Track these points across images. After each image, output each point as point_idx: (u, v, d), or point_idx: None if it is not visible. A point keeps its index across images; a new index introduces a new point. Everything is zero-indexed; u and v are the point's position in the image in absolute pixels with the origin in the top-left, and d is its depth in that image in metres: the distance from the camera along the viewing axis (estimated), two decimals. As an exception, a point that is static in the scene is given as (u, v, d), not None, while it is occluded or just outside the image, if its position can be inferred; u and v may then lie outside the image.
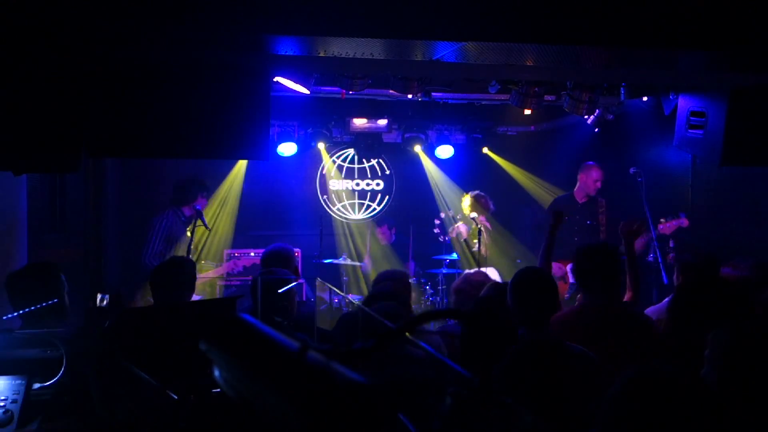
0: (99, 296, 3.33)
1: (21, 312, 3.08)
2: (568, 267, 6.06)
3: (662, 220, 5.67)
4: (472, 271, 4.64)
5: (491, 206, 6.85)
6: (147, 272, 5.52)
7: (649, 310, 3.75)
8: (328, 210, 8.50)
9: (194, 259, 5.90)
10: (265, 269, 4.17)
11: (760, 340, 2.05)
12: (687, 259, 3.90)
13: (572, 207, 6.52)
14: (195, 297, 5.66)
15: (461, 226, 6.83)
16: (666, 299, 3.86)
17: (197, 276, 5.87)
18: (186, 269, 3.79)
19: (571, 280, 5.98)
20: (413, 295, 6.74)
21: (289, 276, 3.80)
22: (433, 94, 5.58)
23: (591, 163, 6.57)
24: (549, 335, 2.84)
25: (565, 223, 6.35)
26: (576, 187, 6.62)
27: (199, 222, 5.88)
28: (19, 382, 2.49)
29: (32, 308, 3.05)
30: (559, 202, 6.65)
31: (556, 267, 6.07)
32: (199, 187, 6.05)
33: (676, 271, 3.94)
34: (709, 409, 1.45)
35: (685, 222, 5.65)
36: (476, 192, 6.88)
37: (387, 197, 8.70)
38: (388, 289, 3.73)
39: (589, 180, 6.50)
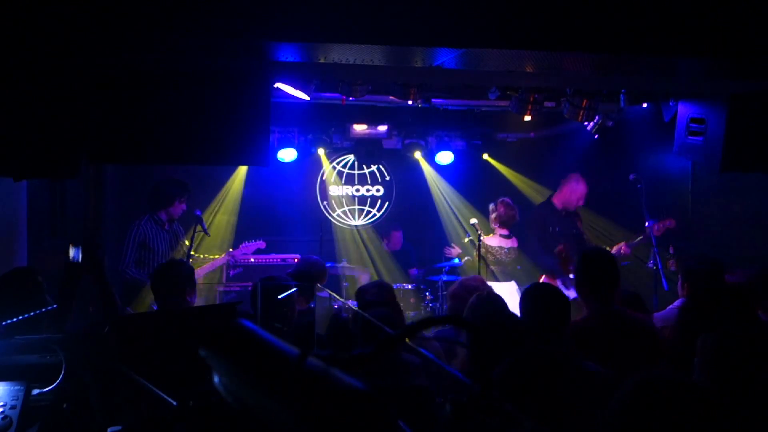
0: (72, 249, 3.19)
1: (8, 322, 3.03)
2: (558, 281, 5.99)
3: (649, 222, 5.65)
4: (468, 276, 4.64)
5: (502, 214, 6.51)
6: (123, 280, 5.43)
7: (657, 316, 3.75)
8: (328, 216, 8.50)
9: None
10: (293, 274, 4.21)
11: (745, 345, 2.05)
12: (692, 266, 3.88)
13: (555, 217, 6.23)
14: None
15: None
16: (672, 305, 3.85)
17: (199, 269, 5.87)
18: (182, 270, 3.78)
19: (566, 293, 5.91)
20: (413, 301, 6.74)
21: (289, 282, 3.81)
22: (433, 100, 5.59)
23: (578, 176, 6.22)
24: (560, 347, 2.82)
25: (555, 234, 6.24)
26: (556, 195, 6.30)
27: (198, 228, 5.87)
28: (17, 388, 2.48)
29: (20, 317, 3.01)
30: (543, 213, 6.36)
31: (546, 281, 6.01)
32: (175, 190, 5.75)
33: (680, 278, 3.92)
34: (712, 414, 1.46)
35: (672, 223, 5.64)
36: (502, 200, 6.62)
37: (387, 203, 8.71)
38: (377, 298, 3.73)
39: (573, 196, 6.16)
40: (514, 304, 3.69)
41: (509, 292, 5.94)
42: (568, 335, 3.25)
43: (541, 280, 5.91)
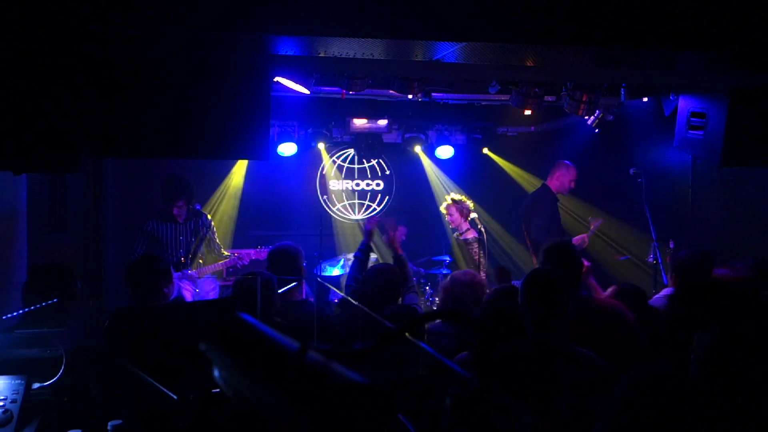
0: None
1: (9, 316, 3.04)
2: None
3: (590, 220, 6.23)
4: (460, 271, 4.63)
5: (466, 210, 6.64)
6: None
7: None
8: (328, 210, 8.50)
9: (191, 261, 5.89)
10: (268, 267, 4.19)
11: (742, 342, 2.06)
12: (681, 258, 3.89)
13: (553, 202, 6.60)
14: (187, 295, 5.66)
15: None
16: (658, 294, 3.85)
17: (208, 266, 5.93)
18: (155, 266, 3.76)
19: None
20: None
21: (270, 276, 3.80)
22: (433, 94, 5.58)
23: (566, 162, 6.63)
24: (556, 336, 2.83)
25: (559, 218, 6.44)
26: (550, 182, 6.63)
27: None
28: (18, 381, 2.49)
29: (21, 311, 3.02)
30: (548, 197, 6.64)
31: None
32: (172, 191, 5.77)
33: (670, 270, 3.93)
34: (710, 407, 1.48)
35: (599, 222, 6.27)
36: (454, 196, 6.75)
37: (387, 197, 8.70)
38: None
39: (566, 179, 6.54)
40: None
41: None
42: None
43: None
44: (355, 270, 4.74)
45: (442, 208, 6.73)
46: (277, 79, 4.60)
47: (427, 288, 6.93)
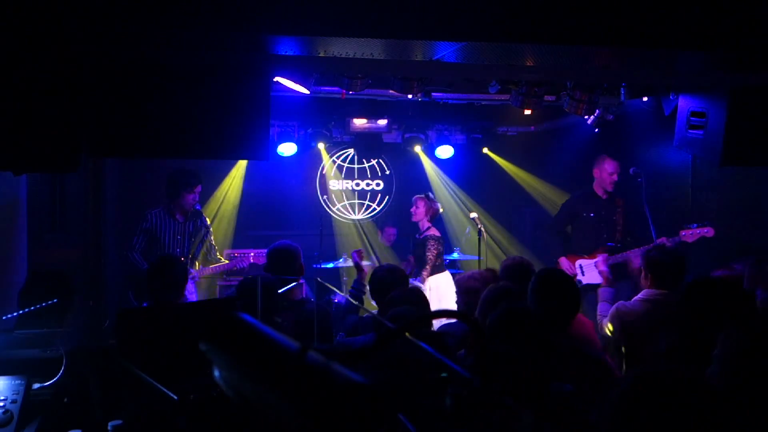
0: None
1: (8, 317, 3.05)
2: (578, 263, 6.05)
3: (686, 226, 5.50)
4: (476, 270, 4.65)
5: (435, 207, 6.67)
6: (128, 264, 5.64)
7: (621, 306, 3.75)
8: (328, 210, 8.50)
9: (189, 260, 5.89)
10: (267, 266, 4.19)
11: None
12: (654, 256, 3.88)
13: (592, 203, 6.25)
14: (192, 297, 5.67)
15: None
16: (636, 297, 3.84)
17: (203, 270, 5.94)
18: (178, 266, 3.81)
19: (579, 277, 5.95)
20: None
21: (270, 278, 3.80)
22: (433, 94, 5.58)
23: (604, 156, 6.22)
24: (567, 336, 2.84)
25: (590, 219, 6.28)
26: (594, 183, 6.30)
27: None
28: (18, 382, 2.49)
29: (20, 312, 3.03)
30: (576, 200, 6.41)
31: (567, 264, 6.05)
32: (181, 182, 5.74)
33: (645, 270, 3.92)
34: (713, 407, 1.47)
35: (710, 231, 5.43)
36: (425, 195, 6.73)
37: (387, 197, 8.71)
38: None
39: (603, 174, 6.15)
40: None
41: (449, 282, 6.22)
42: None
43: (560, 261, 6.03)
44: None
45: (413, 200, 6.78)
46: (277, 79, 4.60)
47: (427, 288, 6.93)
